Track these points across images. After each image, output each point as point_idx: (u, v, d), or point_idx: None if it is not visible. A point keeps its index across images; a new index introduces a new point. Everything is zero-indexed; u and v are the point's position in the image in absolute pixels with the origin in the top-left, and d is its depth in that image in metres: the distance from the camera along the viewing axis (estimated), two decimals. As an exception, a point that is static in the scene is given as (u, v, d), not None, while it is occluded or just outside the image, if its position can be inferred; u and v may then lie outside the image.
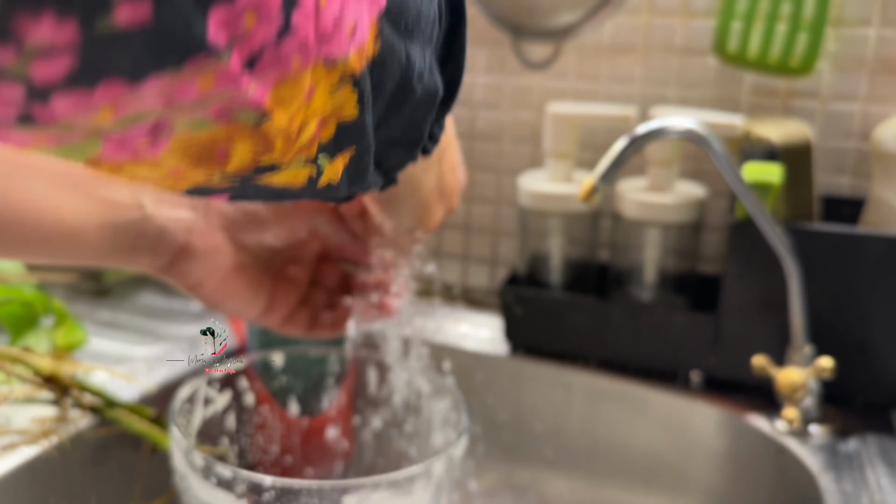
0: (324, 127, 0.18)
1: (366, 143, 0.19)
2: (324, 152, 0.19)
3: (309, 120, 0.18)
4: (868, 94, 0.60)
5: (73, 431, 0.45)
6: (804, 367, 0.50)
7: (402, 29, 0.18)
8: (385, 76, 0.18)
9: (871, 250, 0.50)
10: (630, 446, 0.58)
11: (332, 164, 0.19)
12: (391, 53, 0.18)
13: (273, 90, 0.16)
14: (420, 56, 0.19)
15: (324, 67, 0.16)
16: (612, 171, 0.46)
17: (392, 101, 0.19)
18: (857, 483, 0.46)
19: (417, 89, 0.20)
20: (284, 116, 0.17)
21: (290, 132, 0.17)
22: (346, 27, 0.16)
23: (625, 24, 0.64)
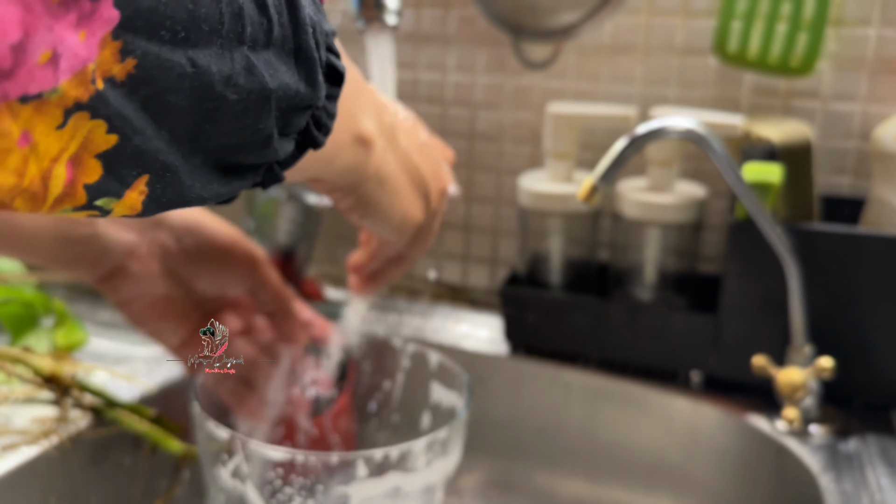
0: (80, 168, 0.17)
1: (158, 164, 0.18)
2: (102, 195, 0.18)
3: (49, 168, 0.16)
4: (868, 93, 0.60)
5: (73, 431, 0.45)
6: (804, 367, 0.50)
7: (169, 37, 0.17)
8: (163, 90, 0.18)
9: (871, 250, 0.50)
10: (630, 446, 0.58)
11: (121, 202, 0.18)
12: (159, 65, 0.17)
13: None
14: (218, 60, 0.18)
15: (26, 108, 0.15)
16: (612, 171, 0.46)
17: (196, 111, 0.19)
18: (857, 483, 0.46)
19: (228, 94, 0.19)
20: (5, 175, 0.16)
21: (28, 190, 0.16)
22: (37, 57, 0.15)
23: (625, 24, 0.64)
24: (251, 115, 0.20)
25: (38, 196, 0.17)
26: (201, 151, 0.19)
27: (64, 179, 0.17)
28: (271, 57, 0.20)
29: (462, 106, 0.70)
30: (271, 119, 0.21)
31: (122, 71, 0.17)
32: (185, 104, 0.18)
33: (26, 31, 0.15)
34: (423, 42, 0.70)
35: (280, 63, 0.20)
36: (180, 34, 0.17)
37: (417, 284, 0.75)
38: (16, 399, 0.47)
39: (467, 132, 0.71)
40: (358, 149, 0.27)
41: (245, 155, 0.21)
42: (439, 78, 0.70)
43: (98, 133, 0.17)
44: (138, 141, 0.18)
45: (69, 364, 0.50)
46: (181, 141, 0.19)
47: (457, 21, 0.69)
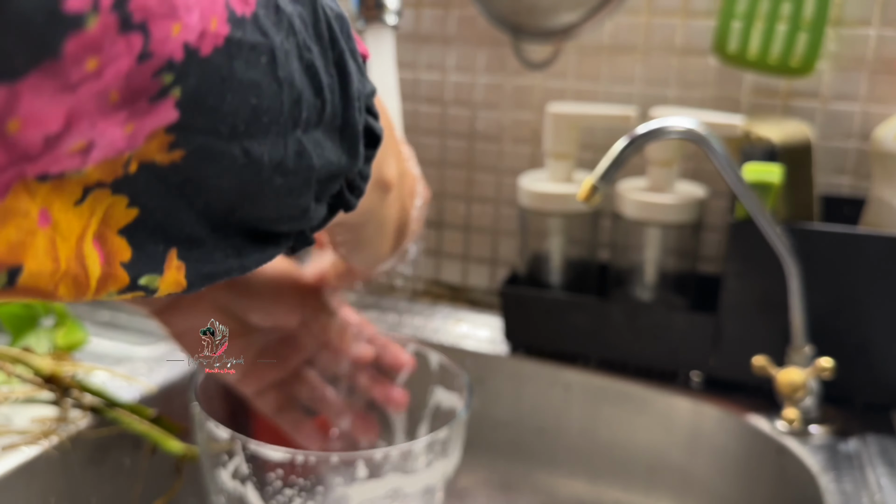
0: (107, 245, 0.17)
1: (182, 236, 0.18)
2: (142, 274, 0.18)
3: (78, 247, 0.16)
4: (868, 94, 0.60)
5: (73, 431, 0.45)
6: (804, 367, 0.50)
7: (228, 132, 0.17)
8: (207, 177, 0.17)
9: (871, 250, 0.50)
10: (630, 446, 0.58)
11: (164, 278, 0.18)
12: (210, 157, 0.17)
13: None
14: (272, 148, 0.18)
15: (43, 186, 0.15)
16: (611, 171, 0.46)
17: (238, 193, 0.19)
18: (857, 483, 0.46)
19: (275, 180, 0.19)
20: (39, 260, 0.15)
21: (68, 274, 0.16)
22: (69, 147, 0.15)
23: (625, 24, 0.64)
24: (294, 194, 0.20)
25: (81, 279, 0.16)
26: (234, 225, 0.19)
27: (98, 258, 0.17)
28: (320, 136, 0.20)
29: (462, 106, 0.70)
30: (311, 193, 0.21)
31: (166, 159, 0.17)
32: (228, 188, 0.18)
33: (68, 124, 0.15)
34: (423, 42, 0.70)
35: (327, 140, 0.20)
36: (240, 128, 0.17)
37: (417, 284, 0.75)
38: (16, 399, 0.47)
39: (467, 132, 0.71)
40: (377, 193, 0.27)
41: (280, 225, 0.21)
42: (439, 78, 0.70)
43: (118, 208, 0.17)
44: (160, 215, 0.17)
45: (69, 364, 0.50)
46: (213, 217, 0.19)
47: (457, 21, 0.69)
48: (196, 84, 0.16)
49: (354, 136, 0.21)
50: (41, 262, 0.16)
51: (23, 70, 0.13)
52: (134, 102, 0.15)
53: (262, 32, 0.17)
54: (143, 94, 0.15)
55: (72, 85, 0.14)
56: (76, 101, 0.14)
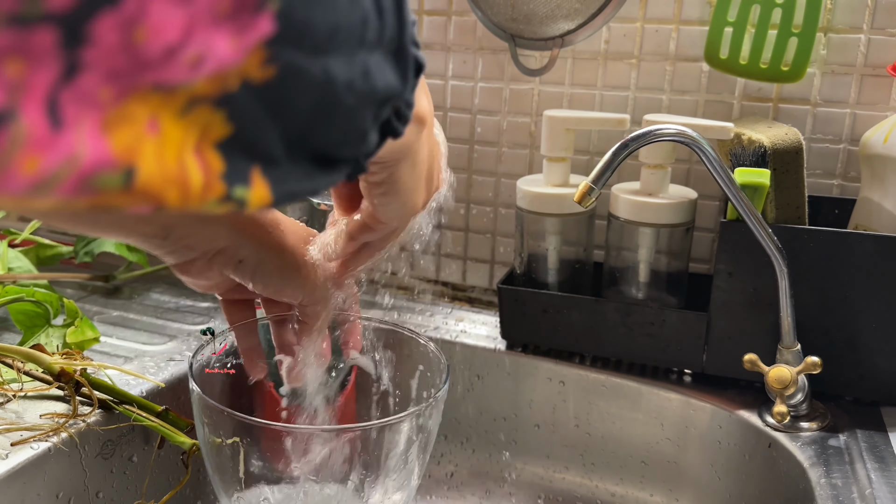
0: (205, 156, 0.17)
1: (265, 155, 0.19)
2: (235, 184, 0.18)
3: (180, 155, 0.17)
4: (857, 98, 0.61)
5: (82, 427, 0.46)
6: (794, 364, 0.51)
7: (312, 48, 0.18)
8: (288, 97, 0.18)
9: (859, 250, 0.51)
10: (624, 440, 0.59)
11: (252, 191, 0.19)
12: (296, 75, 0.18)
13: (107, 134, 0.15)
14: (345, 67, 0.19)
15: (155, 94, 0.16)
16: (606, 174, 0.47)
17: (313, 115, 0.19)
18: (846, 477, 0.46)
19: (347, 99, 0.20)
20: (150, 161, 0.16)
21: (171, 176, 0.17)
22: (184, 59, 0.15)
23: (619, 31, 0.65)
24: (360, 115, 0.21)
25: (186, 185, 0.17)
26: (307, 147, 0.20)
27: (198, 168, 0.17)
28: (380, 57, 0.20)
29: (462, 111, 0.72)
30: (371, 116, 0.21)
31: (261, 76, 0.17)
32: (308, 107, 0.19)
33: (186, 35, 0.15)
34: (424, 49, 0.71)
35: (386, 63, 0.21)
36: (321, 45, 0.18)
37: (416, 284, 0.76)
38: (26, 395, 0.49)
39: (467, 136, 0.72)
40: (414, 127, 0.27)
41: (342, 150, 0.21)
42: (440, 84, 0.72)
43: (216, 122, 0.17)
44: (250, 133, 0.18)
45: (79, 361, 0.51)
46: (291, 137, 0.19)
47: (456, 29, 0.70)
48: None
49: (407, 61, 0.22)
50: (152, 166, 0.16)
51: None
52: (240, 14, 0.16)
53: None
54: (247, 5, 0.16)
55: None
56: (194, 11, 0.15)
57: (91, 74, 0.14)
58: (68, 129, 0.14)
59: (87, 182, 0.15)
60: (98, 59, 0.14)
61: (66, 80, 0.14)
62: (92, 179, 0.15)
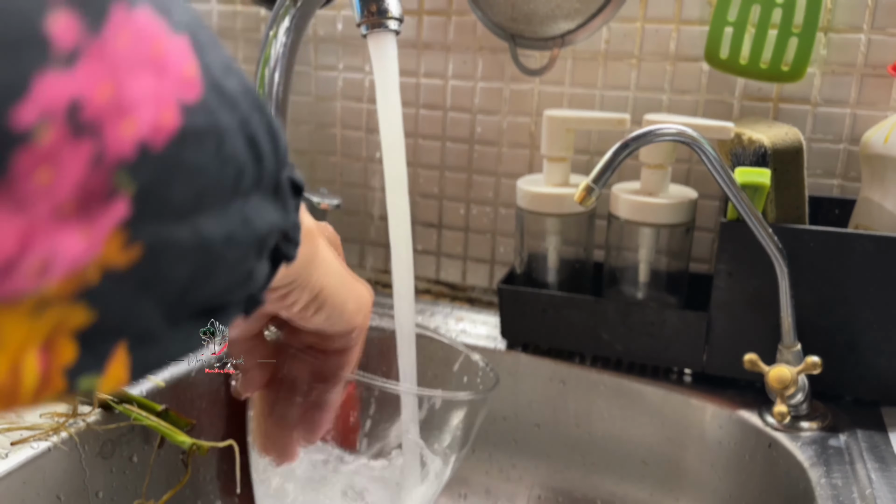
0: (53, 352, 0.16)
1: (138, 329, 0.17)
2: (82, 374, 0.16)
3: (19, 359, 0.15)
4: (858, 98, 0.61)
5: (82, 426, 0.46)
6: (794, 364, 0.51)
7: (175, 216, 0.16)
8: (164, 268, 0.17)
9: (859, 250, 0.51)
10: (624, 440, 0.60)
11: (106, 376, 0.17)
12: (165, 248, 0.16)
13: None
14: (220, 222, 0.18)
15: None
16: (606, 174, 0.47)
17: (194, 277, 0.18)
18: (847, 477, 0.46)
19: (228, 253, 0.18)
20: None
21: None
22: (28, 268, 0.14)
23: (619, 31, 0.66)
24: (243, 262, 0.19)
25: (11, 393, 0.15)
26: (187, 306, 0.18)
27: (37, 370, 0.15)
28: (258, 200, 0.19)
29: (462, 111, 0.72)
30: (261, 259, 0.20)
31: (125, 259, 0.16)
32: (185, 274, 0.17)
33: (23, 246, 0.14)
34: (424, 49, 0.71)
35: (265, 202, 0.20)
36: (186, 209, 0.17)
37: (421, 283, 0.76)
38: (27, 394, 0.49)
39: (467, 136, 0.72)
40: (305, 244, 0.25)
41: (229, 296, 0.20)
42: (440, 84, 0.72)
43: (76, 313, 0.16)
44: (118, 314, 0.16)
45: (79, 360, 0.51)
46: (168, 302, 0.18)
47: (457, 29, 0.70)
48: (147, 178, 0.15)
49: (286, 192, 0.21)
50: None
51: None
52: (89, 208, 0.14)
53: (210, 115, 0.17)
54: (96, 198, 0.14)
55: (23, 202, 0.13)
56: (29, 219, 0.13)
57: None
58: None
59: None
60: None
61: None
62: None
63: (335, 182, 0.78)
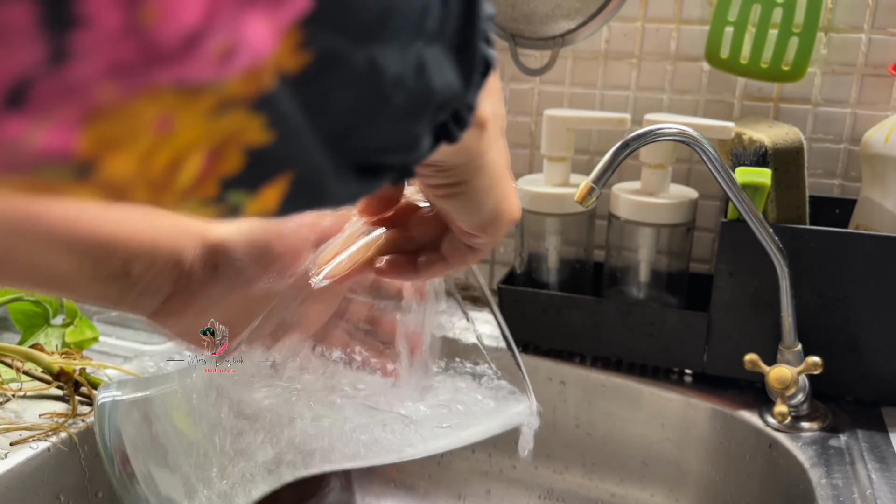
0: (219, 159, 0.15)
1: (307, 163, 0.17)
2: (235, 188, 0.16)
3: (183, 156, 0.14)
4: (858, 97, 0.61)
5: (81, 427, 0.46)
6: (794, 364, 0.51)
7: (355, 32, 0.15)
8: (330, 89, 0.16)
9: (859, 250, 0.51)
10: (624, 441, 0.59)
11: (256, 198, 0.16)
12: (335, 63, 0.15)
13: (85, 128, 0.13)
14: (396, 59, 0.16)
15: (174, 94, 0.13)
16: (606, 174, 0.47)
17: (355, 116, 0.17)
18: (847, 477, 0.46)
19: (395, 97, 0.17)
20: (127, 161, 0.14)
21: (150, 177, 0.14)
22: (210, 50, 0.13)
23: (620, 31, 0.65)
24: (410, 118, 0.18)
25: (161, 186, 0.15)
26: (349, 152, 0.17)
27: (197, 170, 0.15)
28: (439, 52, 0.18)
29: (461, 110, 0.72)
30: (426, 120, 0.19)
31: (295, 65, 0.14)
32: (349, 104, 0.16)
33: (208, 17, 0.12)
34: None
35: (445, 59, 0.18)
36: (368, 29, 0.15)
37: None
38: (25, 395, 0.49)
39: (467, 136, 0.72)
40: (472, 132, 0.23)
41: (390, 156, 0.19)
42: (439, 83, 0.72)
43: (253, 127, 0.15)
44: (293, 142, 0.16)
45: (79, 361, 0.51)
46: (332, 141, 0.17)
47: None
48: None
49: (472, 60, 0.19)
50: (128, 165, 0.14)
51: None
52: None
53: None
54: None
55: None
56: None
57: (86, 64, 0.12)
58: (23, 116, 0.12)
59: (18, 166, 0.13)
60: (95, 45, 0.12)
61: (49, 66, 0.12)
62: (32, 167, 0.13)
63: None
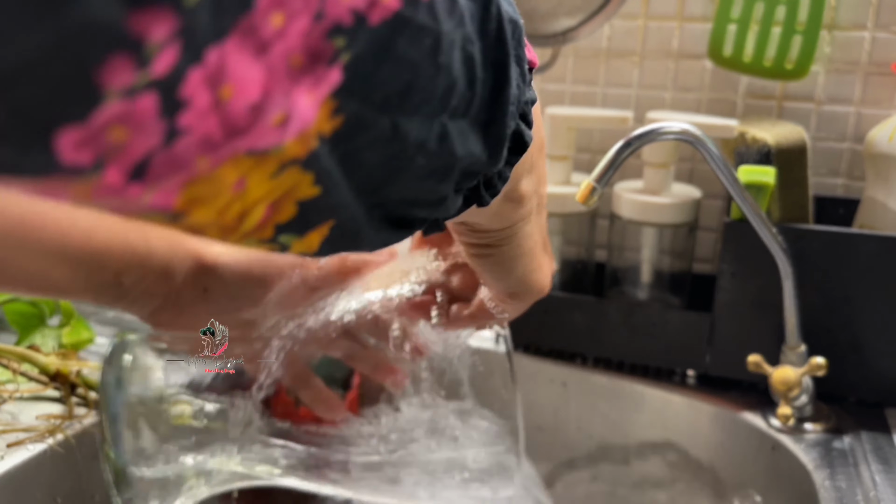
0: (277, 210, 0.18)
1: (346, 213, 0.19)
2: (287, 232, 0.19)
3: (250, 208, 0.17)
4: (862, 96, 0.61)
5: (78, 428, 0.46)
6: (798, 366, 0.51)
7: (379, 102, 0.17)
8: (360, 148, 0.18)
9: (864, 250, 0.51)
10: (626, 442, 0.59)
11: (302, 240, 0.19)
12: (362, 126, 0.18)
13: (183, 192, 0.15)
14: (418, 127, 0.19)
15: (248, 159, 0.16)
16: (609, 173, 0.47)
17: (384, 171, 0.19)
18: (851, 480, 0.46)
19: (417, 159, 0.19)
20: (208, 212, 0.16)
21: (223, 223, 0.17)
22: (272, 119, 0.16)
23: (622, 28, 0.65)
24: (434, 178, 0.20)
25: (230, 229, 0.18)
26: (380, 205, 0.20)
27: (259, 218, 0.18)
28: (465, 126, 0.20)
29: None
30: (451, 182, 0.21)
31: (330, 128, 0.17)
32: (377, 161, 0.19)
33: (266, 93, 0.15)
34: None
35: (471, 132, 0.20)
36: (392, 102, 0.18)
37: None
38: (22, 396, 0.48)
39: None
40: (508, 204, 0.27)
41: (418, 211, 0.21)
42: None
43: (304, 183, 0.18)
44: (335, 194, 0.18)
45: (75, 362, 0.51)
46: (366, 195, 0.19)
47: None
48: (360, 51, 0.16)
49: (500, 136, 0.21)
50: (208, 215, 0.17)
51: (227, 28, 0.14)
52: (314, 67, 0.16)
53: (434, 17, 0.18)
54: (320, 58, 0.16)
55: (264, 44, 0.15)
56: (269, 64, 0.15)
57: (187, 139, 0.14)
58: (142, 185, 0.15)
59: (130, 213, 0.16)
60: (193, 123, 0.14)
61: (164, 145, 0.14)
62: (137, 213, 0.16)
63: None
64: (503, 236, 0.28)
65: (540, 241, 0.31)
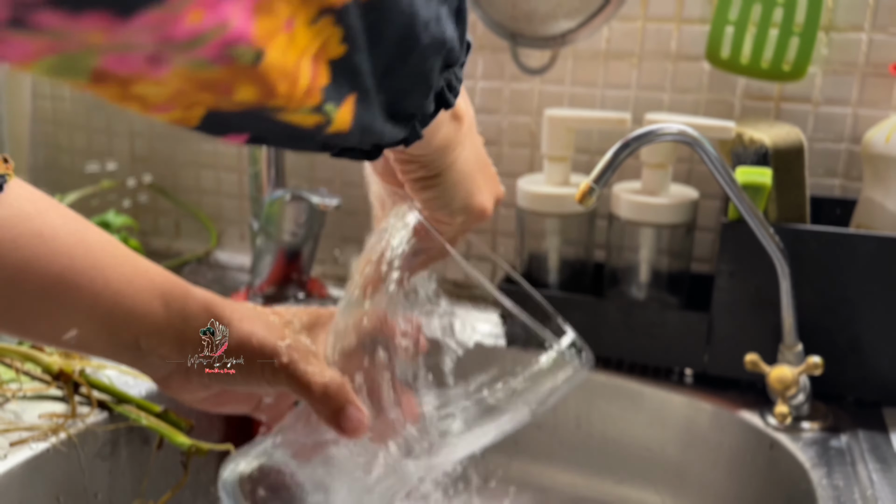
0: (317, 67, 0.20)
1: (363, 86, 0.21)
2: (329, 100, 0.20)
3: (301, 57, 0.19)
4: (859, 97, 0.61)
5: (81, 427, 0.46)
6: (795, 365, 0.51)
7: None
8: (383, 21, 0.20)
9: (861, 250, 0.51)
10: (625, 441, 0.59)
11: (339, 111, 0.21)
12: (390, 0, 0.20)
13: (254, 17, 0.17)
14: (425, 6, 0.21)
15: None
16: (607, 174, 0.47)
17: (397, 49, 0.21)
18: (848, 478, 0.46)
19: (423, 38, 0.21)
20: (277, 51, 0.18)
21: (287, 71, 0.19)
22: None
23: (620, 30, 0.65)
24: (429, 61, 0.23)
25: (295, 83, 0.19)
26: (385, 90, 0.22)
27: (309, 75, 0.19)
28: (446, 12, 0.23)
29: (461, 110, 0.72)
30: (437, 71, 0.23)
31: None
32: (394, 37, 0.21)
33: None
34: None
35: (449, 20, 0.23)
36: None
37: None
38: (25, 395, 0.48)
39: (467, 136, 0.72)
40: (452, 123, 0.29)
41: (409, 103, 0.23)
42: (439, 83, 0.72)
43: (333, 39, 0.19)
44: (357, 57, 0.20)
45: (78, 361, 0.51)
46: (379, 71, 0.21)
47: (456, 27, 0.70)
48: None
49: (465, 25, 0.24)
50: (277, 57, 0.18)
51: None
52: None
53: None
54: None
55: None
56: None
57: None
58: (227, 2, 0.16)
59: (227, 49, 0.17)
60: None
61: None
62: (231, 49, 0.17)
63: (335, 182, 0.78)
64: (445, 164, 0.30)
65: (477, 164, 0.32)
